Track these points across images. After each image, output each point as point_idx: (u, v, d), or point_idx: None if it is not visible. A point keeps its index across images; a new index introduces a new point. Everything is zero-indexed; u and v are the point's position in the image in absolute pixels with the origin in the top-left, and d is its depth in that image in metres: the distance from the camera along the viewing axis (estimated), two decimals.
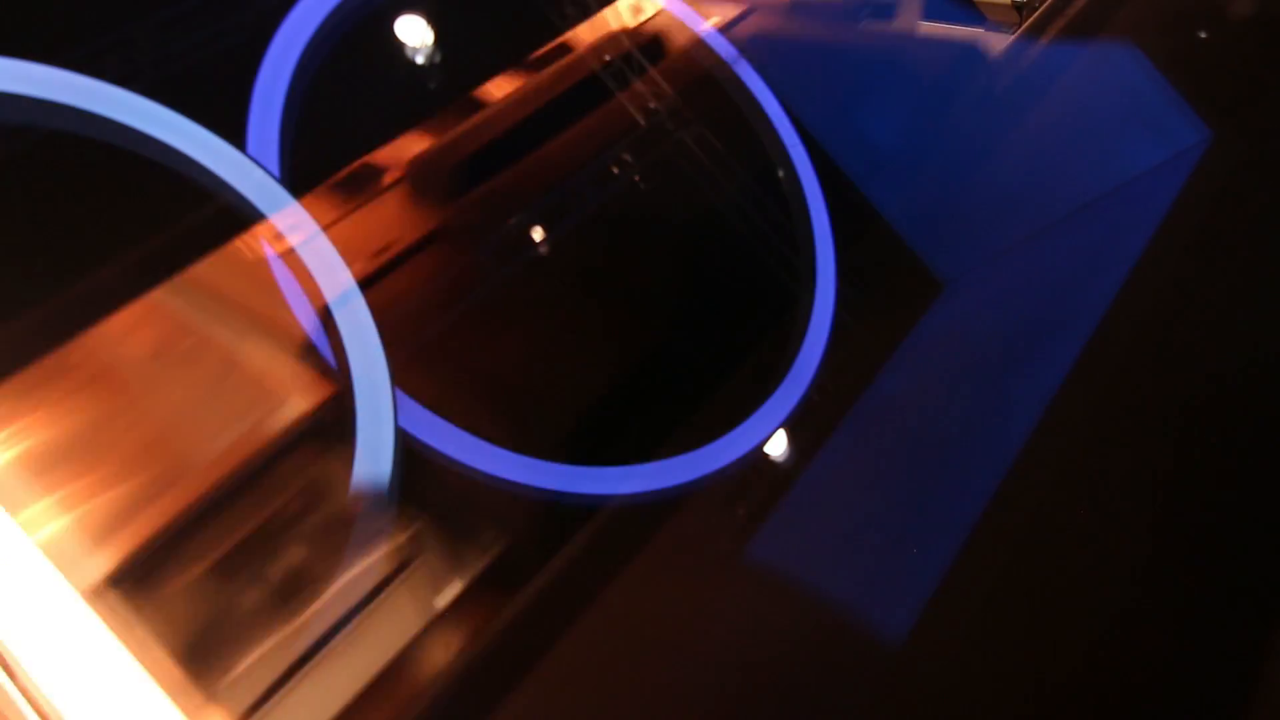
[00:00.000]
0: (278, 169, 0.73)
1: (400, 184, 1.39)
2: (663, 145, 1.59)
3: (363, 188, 1.51)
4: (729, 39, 1.38)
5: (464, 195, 1.07)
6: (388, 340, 0.76)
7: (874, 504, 0.80)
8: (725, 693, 0.68)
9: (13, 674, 0.51)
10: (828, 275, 0.93)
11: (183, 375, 0.73)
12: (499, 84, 1.02)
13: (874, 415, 0.83)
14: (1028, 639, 0.71)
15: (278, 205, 0.70)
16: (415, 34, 0.79)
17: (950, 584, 0.72)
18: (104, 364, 0.73)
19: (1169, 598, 0.73)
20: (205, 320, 0.78)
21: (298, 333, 0.76)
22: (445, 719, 0.63)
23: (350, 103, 0.77)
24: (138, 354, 0.74)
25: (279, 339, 0.75)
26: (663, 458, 0.78)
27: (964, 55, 1.43)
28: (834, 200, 1.37)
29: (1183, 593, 0.74)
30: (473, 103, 1.00)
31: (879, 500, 0.80)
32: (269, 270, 0.79)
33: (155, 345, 0.76)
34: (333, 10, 0.75)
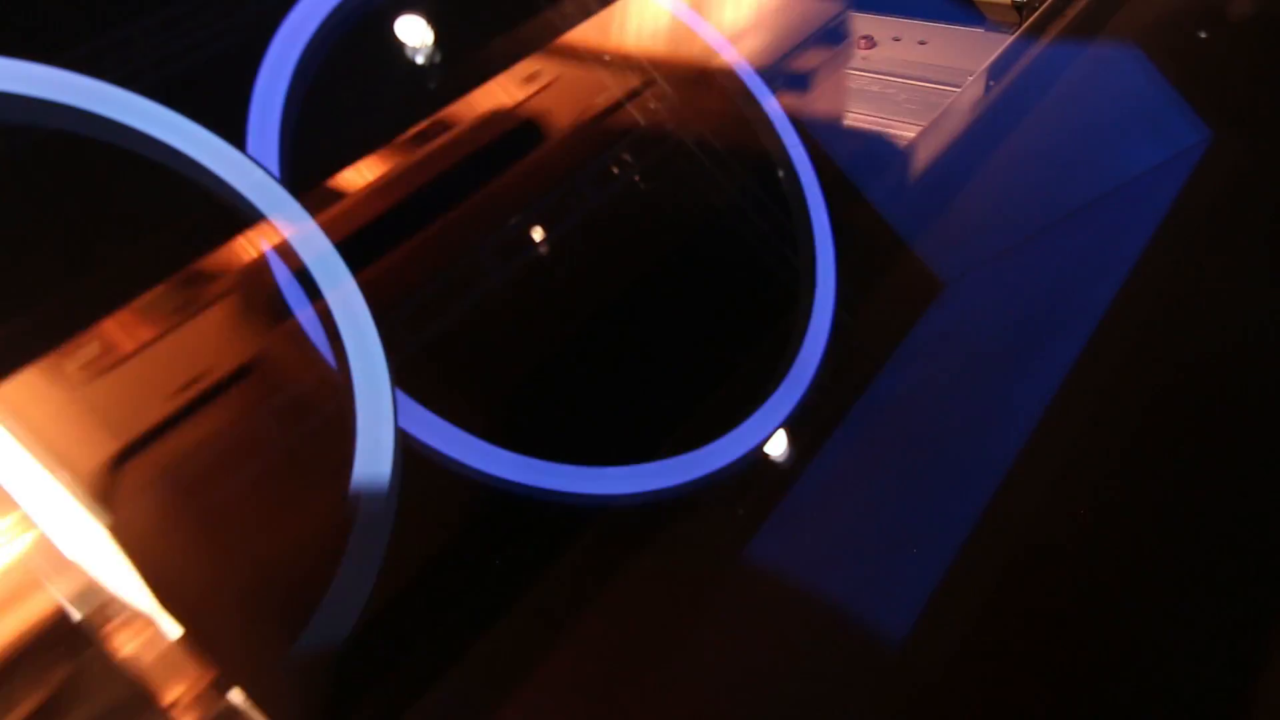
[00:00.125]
0: (278, 169, 0.73)
1: (400, 185, 1.38)
2: (663, 145, 1.59)
3: (363, 187, 1.51)
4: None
5: (459, 199, 1.07)
6: (387, 340, 0.76)
7: (874, 504, 0.80)
8: (725, 693, 0.68)
9: None
10: (828, 275, 0.93)
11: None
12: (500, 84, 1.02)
13: (874, 415, 0.83)
14: (1028, 639, 0.71)
15: (278, 205, 0.70)
16: (415, 34, 0.79)
17: (950, 584, 0.72)
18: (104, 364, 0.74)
19: (1169, 598, 0.73)
20: (205, 320, 0.78)
21: (297, 333, 0.76)
22: None
23: (350, 103, 0.77)
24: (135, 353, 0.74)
25: (279, 339, 0.75)
26: (663, 458, 0.78)
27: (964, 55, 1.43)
28: (834, 200, 1.37)
29: (1183, 593, 0.74)
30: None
31: (879, 500, 0.80)
32: (269, 270, 0.79)
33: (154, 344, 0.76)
34: (333, 10, 0.75)
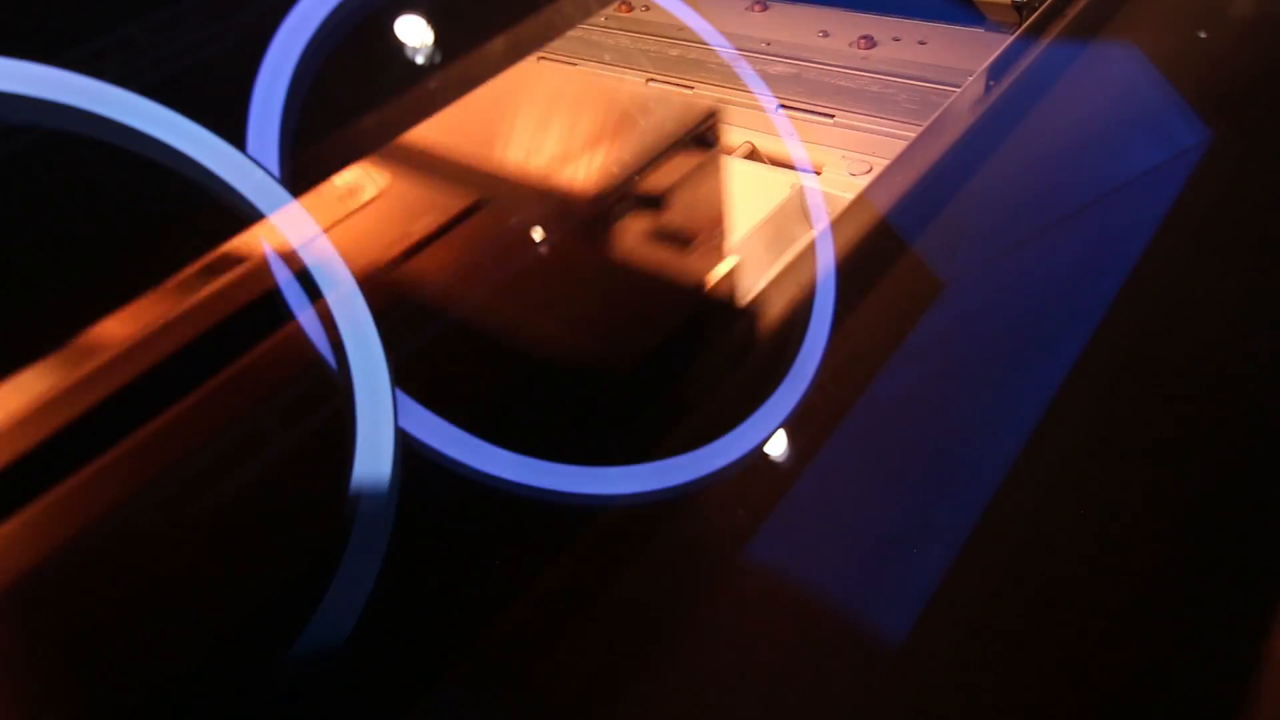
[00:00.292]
0: (278, 169, 0.73)
1: (399, 184, 1.39)
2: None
3: (364, 187, 1.51)
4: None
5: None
6: (387, 340, 0.76)
7: (874, 504, 0.80)
8: (725, 693, 0.68)
9: None
10: (827, 275, 0.93)
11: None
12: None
13: (874, 415, 0.83)
14: (1028, 639, 0.71)
15: (278, 205, 0.70)
16: (415, 34, 0.79)
17: (950, 584, 0.72)
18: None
19: (1170, 597, 0.73)
20: (205, 320, 0.78)
21: (297, 333, 0.76)
22: None
23: (350, 103, 0.77)
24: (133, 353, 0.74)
25: (278, 339, 0.75)
26: (663, 458, 0.78)
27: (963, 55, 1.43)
28: (834, 200, 1.37)
29: (1184, 593, 0.74)
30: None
31: (879, 500, 0.80)
32: (269, 270, 0.79)
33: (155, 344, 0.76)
34: (333, 10, 0.75)
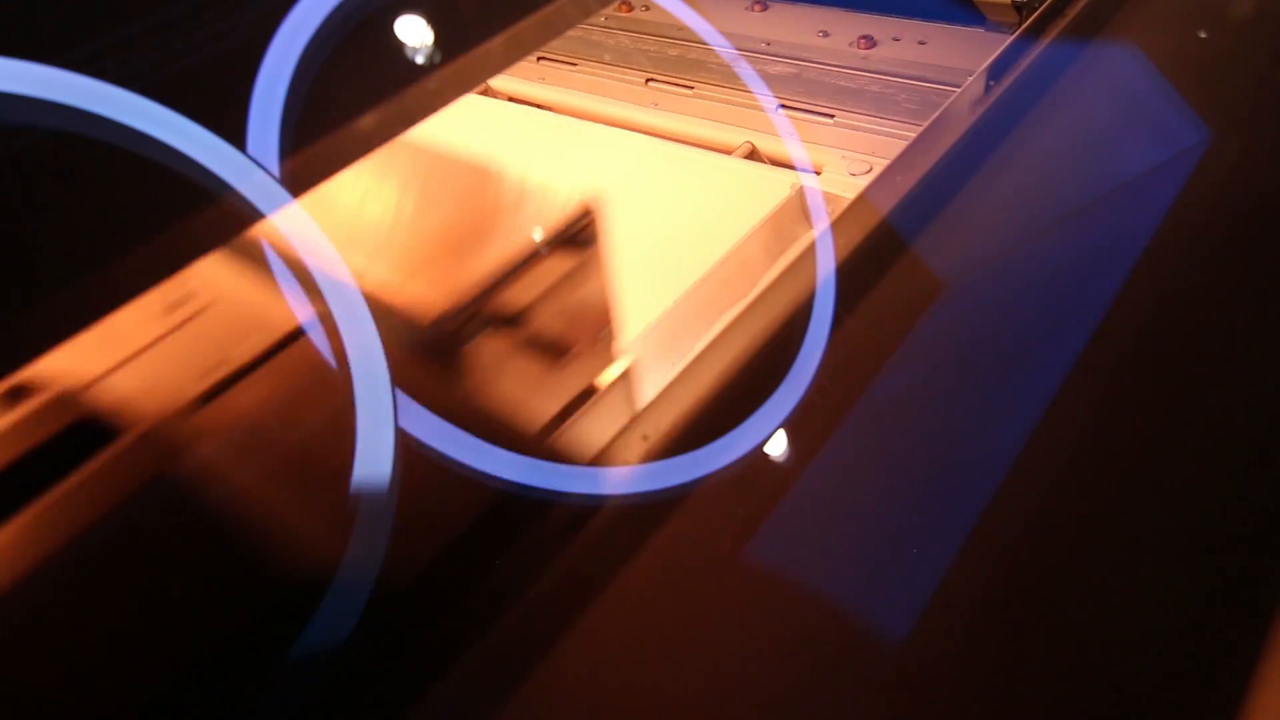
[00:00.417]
0: (278, 169, 0.73)
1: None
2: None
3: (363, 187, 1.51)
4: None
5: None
6: (388, 340, 0.76)
7: (874, 504, 0.80)
8: (724, 693, 0.68)
9: None
10: (827, 275, 0.93)
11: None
12: None
13: (874, 415, 0.83)
14: (1028, 639, 0.71)
15: (278, 205, 0.70)
16: (415, 34, 0.79)
17: (950, 584, 0.72)
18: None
19: (1171, 597, 0.73)
20: (205, 320, 0.78)
21: (297, 333, 0.76)
22: None
23: (350, 103, 0.77)
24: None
25: (278, 339, 0.75)
26: (663, 458, 0.78)
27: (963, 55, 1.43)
28: (834, 200, 1.37)
29: (1184, 592, 0.74)
30: None
31: (879, 500, 0.80)
32: (269, 270, 0.79)
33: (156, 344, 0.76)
34: (333, 10, 0.75)
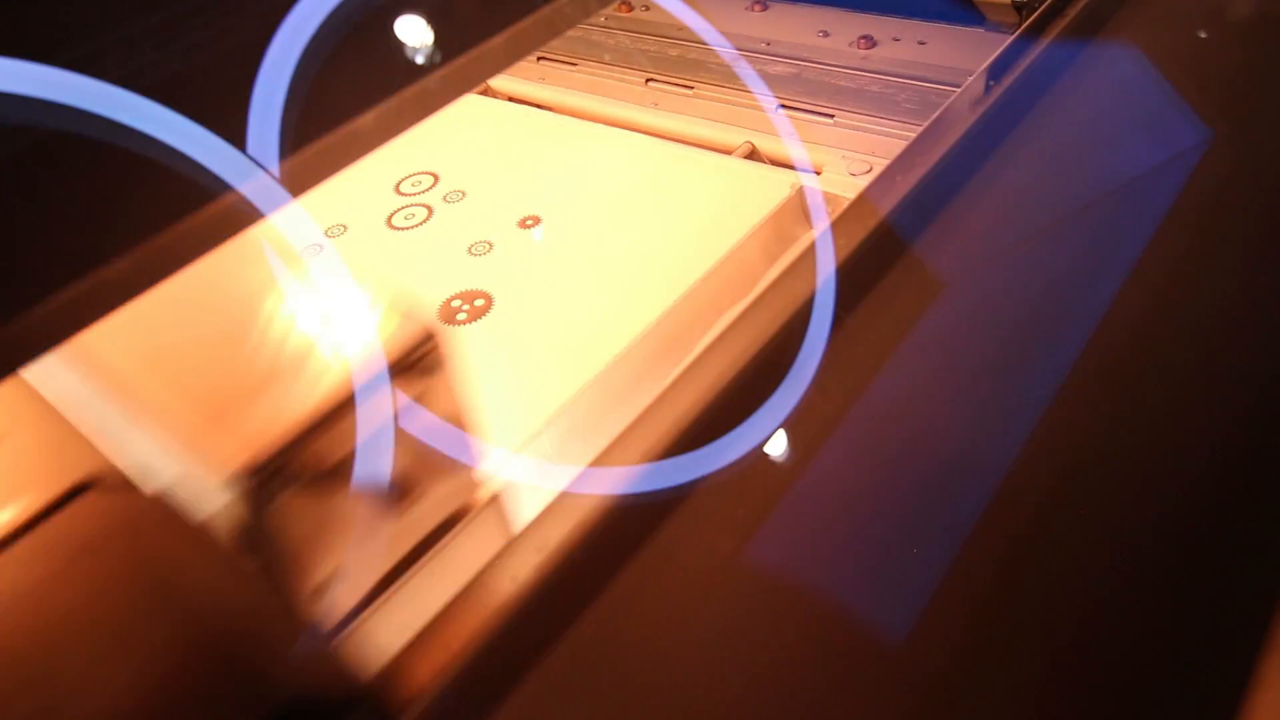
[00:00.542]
0: (278, 169, 0.73)
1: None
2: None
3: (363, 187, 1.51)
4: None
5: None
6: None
7: (874, 504, 0.80)
8: (724, 693, 0.68)
9: None
10: (827, 275, 0.93)
11: (182, 375, 0.73)
12: None
13: (874, 415, 0.83)
14: (1028, 639, 0.71)
15: (278, 205, 0.70)
16: (415, 34, 0.79)
17: (950, 584, 0.72)
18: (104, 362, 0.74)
19: (1171, 597, 0.73)
20: (206, 320, 0.78)
21: (298, 333, 0.76)
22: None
23: (350, 103, 0.77)
24: (135, 354, 0.74)
25: (279, 339, 0.75)
26: (663, 457, 0.78)
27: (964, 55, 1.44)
28: (834, 200, 1.37)
29: (1184, 592, 0.74)
30: None
31: (879, 500, 0.80)
32: (269, 270, 0.79)
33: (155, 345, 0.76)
34: (333, 10, 0.75)
